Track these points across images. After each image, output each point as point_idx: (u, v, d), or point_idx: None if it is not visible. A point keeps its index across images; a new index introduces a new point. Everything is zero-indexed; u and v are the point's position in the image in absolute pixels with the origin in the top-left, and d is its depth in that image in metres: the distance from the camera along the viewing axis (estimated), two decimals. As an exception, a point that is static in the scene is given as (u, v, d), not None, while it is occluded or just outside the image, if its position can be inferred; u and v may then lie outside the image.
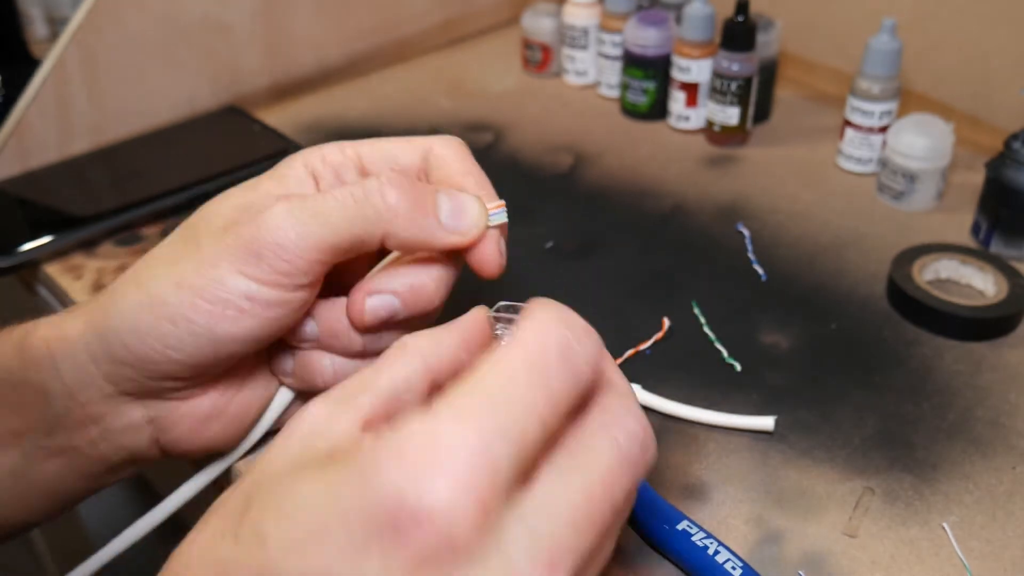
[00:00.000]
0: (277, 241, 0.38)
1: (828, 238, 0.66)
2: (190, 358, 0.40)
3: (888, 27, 0.69)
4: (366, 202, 0.39)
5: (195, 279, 0.39)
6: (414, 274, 0.42)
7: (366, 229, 0.39)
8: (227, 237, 0.39)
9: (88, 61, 0.72)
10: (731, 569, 0.42)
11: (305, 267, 0.39)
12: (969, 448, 0.50)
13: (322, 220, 0.39)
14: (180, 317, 0.39)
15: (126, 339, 0.40)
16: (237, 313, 0.39)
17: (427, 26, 0.93)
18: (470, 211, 0.41)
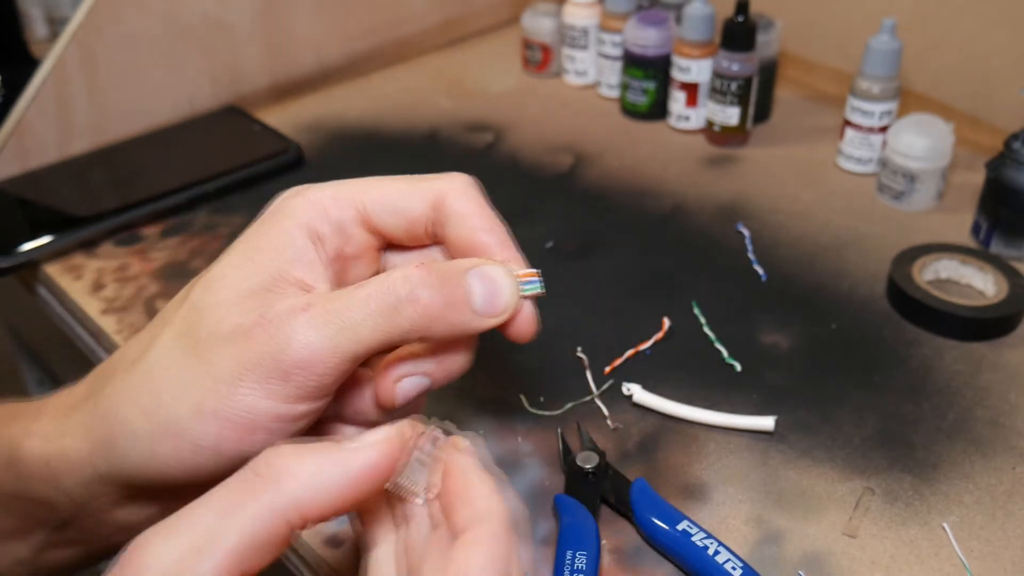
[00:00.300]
0: (305, 361, 0.35)
1: (828, 238, 0.66)
2: (214, 474, 0.37)
3: (888, 27, 0.69)
4: (396, 311, 0.35)
5: (215, 404, 0.36)
6: (445, 353, 0.39)
7: (400, 338, 0.36)
8: (243, 352, 0.35)
9: (88, 61, 0.72)
10: (731, 569, 0.42)
11: (334, 379, 0.36)
12: (969, 448, 0.50)
13: (351, 336, 0.35)
14: (206, 449, 0.36)
15: (143, 467, 0.37)
16: (266, 435, 0.36)
17: (427, 26, 0.93)
18: (504, 291, 0.37)
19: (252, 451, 0.35)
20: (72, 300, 0.62)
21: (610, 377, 0.55)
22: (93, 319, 0.61)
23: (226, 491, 0.30)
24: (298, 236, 0.38)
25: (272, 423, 0.36)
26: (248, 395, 0.35)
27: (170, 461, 0.36)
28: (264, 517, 0.30)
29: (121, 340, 0.59)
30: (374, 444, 0.32)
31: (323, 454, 0.31)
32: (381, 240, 0.41)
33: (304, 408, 0.36)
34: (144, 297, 0.62)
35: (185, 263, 0.65)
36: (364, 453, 0.32)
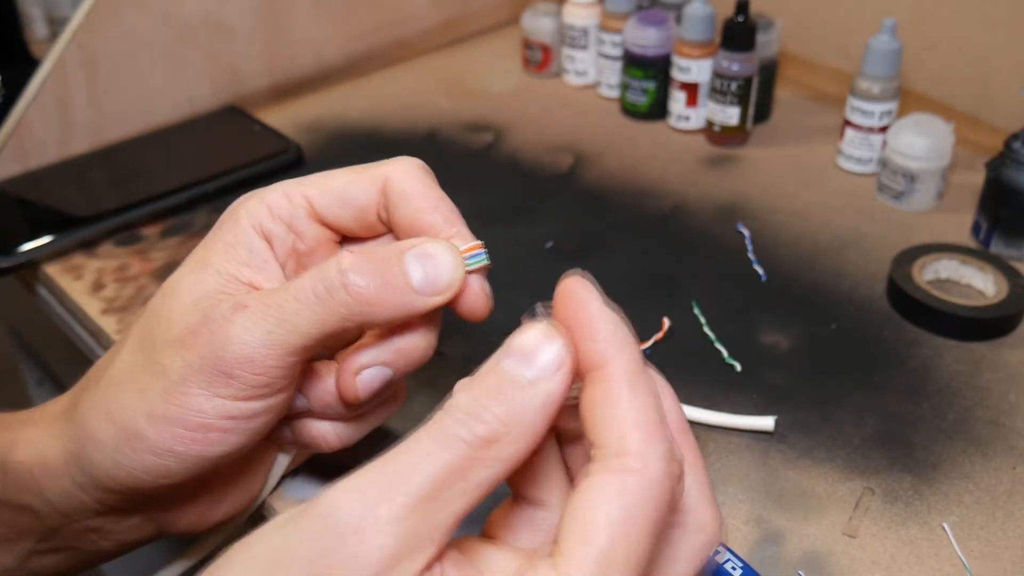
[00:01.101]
0: (245, 358, 0.35)
1: (828, 238, 0.66)
2: (181, 479, 0.38)
3: (888, 27, 0.69)
4: (331, 298, 0.35)
5: (167, 409, 0.36)
6: (402, 338, 0.38)
7: (339, 325, 0.35)
8: (188, 355, 0.36)
9: (88, 61, 0.72)
10: (731, 569, 0.42)
11: (281, 373, 0.36)
12: (969, 448, 0.50)
13: (290, 328, 0.35)
14: (162, 450, 0.36)
15: (112, 473, 0.37)
16: (221, 434, 0.36)
17: (427, 26, 0.93)
18: (444, 267, 0.36)
19: (210, 452, 0.36)
20: (72, 300, 0.62)
21: (610, 377, 0.55)
22: (93, 319, 0.61)
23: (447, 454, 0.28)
24: (249, 237, 0.39)
25: (224, 422, 0.36)
26: (196, 396, 0.36)
27: (134, 466, 0.37)
28: (484, 487, 0.29)
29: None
30: (556, 371, 0.30)
31: (523, 404, 0.29)
32: (335, 233, 0.41)
33: (256, 406, 0.36)
34: (144, 297, 0.62)
35: (185, 263, 0.65)
36: (554, 387, 0.30)
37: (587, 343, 0.30)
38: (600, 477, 0.29)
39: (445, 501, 0.28)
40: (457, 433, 0.29)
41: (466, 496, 0.29)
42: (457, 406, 0.29)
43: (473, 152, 0.78)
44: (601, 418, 0.29)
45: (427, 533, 0.28)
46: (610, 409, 0.29)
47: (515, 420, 0.29)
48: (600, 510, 0.28)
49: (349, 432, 0.41)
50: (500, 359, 0.30)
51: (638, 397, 0.30)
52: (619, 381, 0.30)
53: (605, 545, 0.27)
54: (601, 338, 0.30)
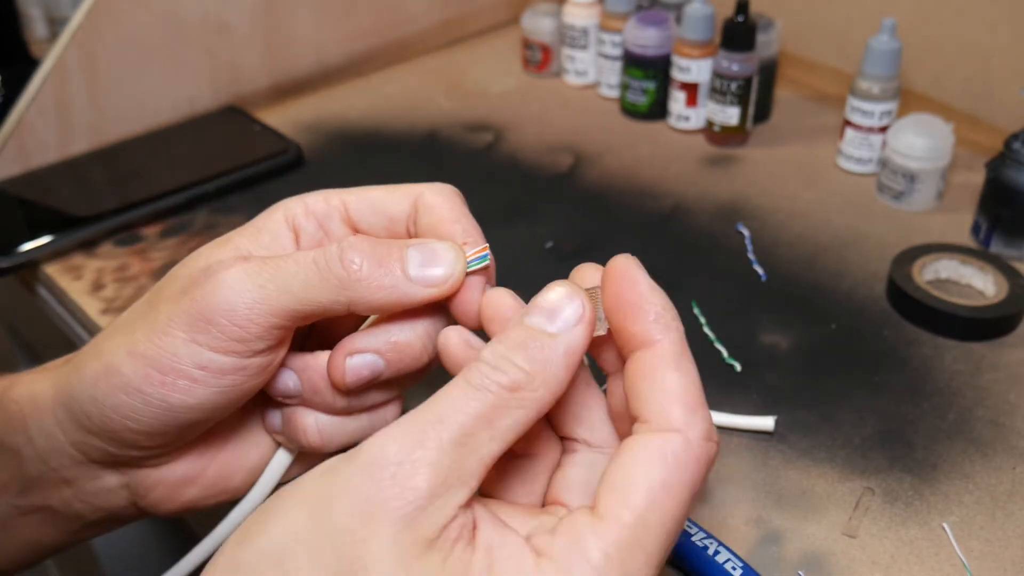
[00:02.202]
0: (229, 307, 0.36)
1: (828, 238, 0.66)
2: (148, 427, 0.38)
3: (888, 27, 0.69)
4: (328, 270, 0.36)
5: (147, 348, 0.37)
6: (398, 331, 0.39)
7: (329, 298, 0.36)
8: (179, 301, 0.37)
9: (88, 61, 0.72)
10: (731, 569, 0.42)
11: (260, 332, 0.37)
12: (969, 448, 0.50)
13: (281, 286, 0.36)
14: (132, 388, 0.37)
15: (87, 408, 0.38)
16: (190, 383, 0.37)
17: (427, 26, 0.93)
18: (443, 260, 0.37)
19: (174, 398, 0.37)
20: (72, 300, 0.62)
21: (610, 377, 0.55)
22: (93, 319, 0.61)
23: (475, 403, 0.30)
24: (277, 226, 0.40)
25: (195, 371, 0.37)
26: (174, 338, 0.37)
27: (105, 402, 0.38)
28: (512, 433, 0.31)
29: (121, 340, 0.59)
30: (577, 324, 0.32)
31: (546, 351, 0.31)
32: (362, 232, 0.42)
33: (229, 361, 0.37)
34: (144, 297, 0.62)
35: (185, 263, 0.65)
36: (575, 337, 0.32)
37: (636, 321, 0.32)
38: (644, 438, 0.30)
39: (475, 446, 0.30)
40: (483, 382, 0.31)
41: (495, 442, 0.30)
42: (483, 359, 0.31)
43: (473, 152, 0.78)
44: (647, 391, 0.31)
45: (459, 475, 0.30)
46: (656, 384, 0.31)
47: (539, 369, 0.31)
48: (642, 472, 0.30)
49: (332, 431, 0.41)
50: (524, 316, 0.32)
51: (684, 375, 0.31)
52: (666, 358, 0.32)
53: (644, 506, 0.29)
54: (650, 317, 0.32)
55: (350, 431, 0.42)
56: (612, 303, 0.33)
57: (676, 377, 0.31)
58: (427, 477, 0.29)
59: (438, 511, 0.29)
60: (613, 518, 0.29)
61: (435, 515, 0.29)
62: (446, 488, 0.29)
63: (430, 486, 0.29)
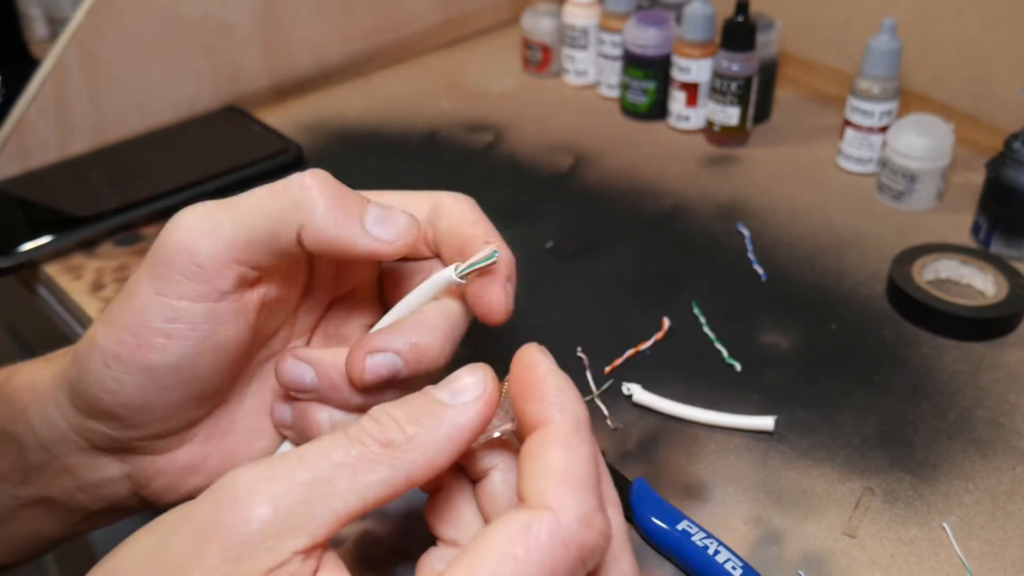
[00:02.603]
0: (186, 247, 0.36)
1: (828, 238, 0.66)
2: (136, 398, 0.38)
3: (888, 27, 0.69)
4: (284, 193, 0.36)
5: (118, 314, 0.37)
6: (418, 332, 0.38)
7: (282, 220, 0.36)
8: (145, 259, 0.37)
9: (88, 61, 0.72)
10: (731, 569, 0.42)
11: (220, 269, 0.36)
12: (969, 448, 0.50)
13: (237, 219, 0.36)
14: (110, 357, 0.37)
15: (77, 388, 0.38)
16: (164, 340, 0.36)
17: (427, 26, 0.93)
18: (398, 221, 0.38)
19: (151, 359, 0.36)
20: (72, 300, 0.62)
21: (610, 377, 0.55)
22: (93, 319, 0.61)
23: (342, 450, 0.29)
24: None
25: (166, 325, 0.36)
26: (141, 296, 0.36)
27: (90, 377, 0.37)
28: (372, 492, 0.30)
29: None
30: (474, 401, 0.31)
31: (431, 417, 0.31)
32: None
33: (198, 309, 0.36)
34: (144, 297, 0.62)
35: (185, 263, 0.65)
36: (467, 412, 0.31)
37: (533, 403, 0.31)
38: (513, 513, 0.29)
39: (329, 493, 0.29)
40: (358, 433, 0.30)
41: (353, 495, 0.29)
42: (370, 413, 0.31)
43: (473, 152, 0.78)
44: (529, 470, 0.30)
45: (304, 518, 0.28)
46: (539, 461, 0.30)
47: (419, 433, 0.30)
48: (497, 544, 0.28)
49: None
50: (429, 389, 0.32)
51: (571, 454, 0.30)
52: (555, 437, 0.30)
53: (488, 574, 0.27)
54: (545, 398, 0.31)
55: None
56: (514, 388, 0.32)
57: (561, 455, 0.30)
58: (264, 511, 0.28)
59: (268, 551, 0.28)
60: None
61: (263, 555, 0.28)
62: (287, 527, 0.28)
63: (264, 521, 0.28)
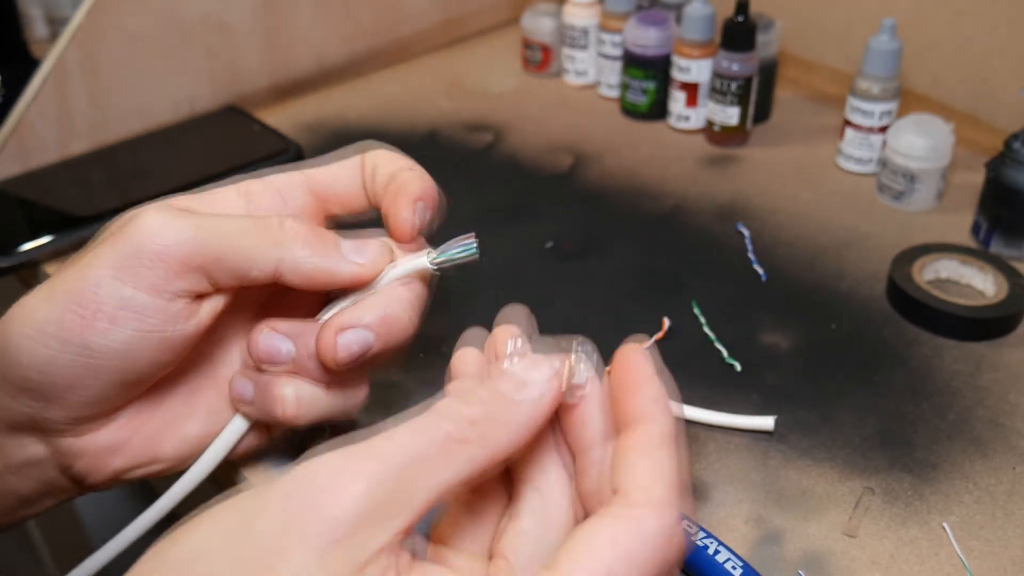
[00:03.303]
0: (157, 239, 0.37)
1: (828, 238, 0.66)
2: (63, 378, 0.37)
3: (888, 27, 0.69)
4: (265, 227, 0.38)
5: (67, 284, 0.37)
6: (386, 305, 0.39)
7: (260, 252, 0.38)
8: (108, 241, 0.37)
9: (88, 61, 0.72)
10: (731, 569, 0.42)
11: (182, 271, 0.37)
12: (969, 448, 0.50)
13: (213, 231, 0.37)
14: (49, 330, 0.36)
15: (4, 366, 0.37)
16: (109, 323, 0.36)
17: (427, 26, 0.93)
18: (370, 247, 0.40)
19: (93, 339, 0.36)
20: (72, 300, 0.62)
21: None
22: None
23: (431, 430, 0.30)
24: (225, 190, 0.42)
25: (115, 309, 0.37)
26: (98, 272, 0.37)
27: (22, 352, 0.37)
28: (462, 473, 0.30)
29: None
30: (552, 378, 0.32)
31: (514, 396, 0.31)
32: (323, 205, 0.43)
33: (151, 302, 0.37)
34: (144, 297, 0.62)
35: (185, 263, 0.65)
36: (547, 390, 0.32)
37: (634, 397, 0.32)
38: (620, 509, 0.30)
39: (422, 475, 0.29)
40: (442, 413, 0.30)
41: (443, 476, 0.29)
42: (447, 391, 0.31)
43: (473, 152, 0.78)
44: (632, 465, 0.31)
45: (402, 501, 0.28)
46: (643, 459, 0.31)
47: (493, 426, 0.30)
48: (608, 540, 0.29)
49: (309, 403, 0.41)
50: (494, 379, 0.32)
51: (671, 459, 0.31)
52: (658, 438, 0.31)
53: (602, 571, 0.28)
54: (649, 397, 0.32)
55: (325, 406, 0.42)
56: (618, 379, 0.33)
57: (665, 459, 0.31)
58: (367, 491, 0.28)
59: (371, 536, 0.28)
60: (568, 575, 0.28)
61: (368, 539, 0.28)
62: (386, 510, 0.28)
63: (370, 502, 0.28)
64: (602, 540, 0.29)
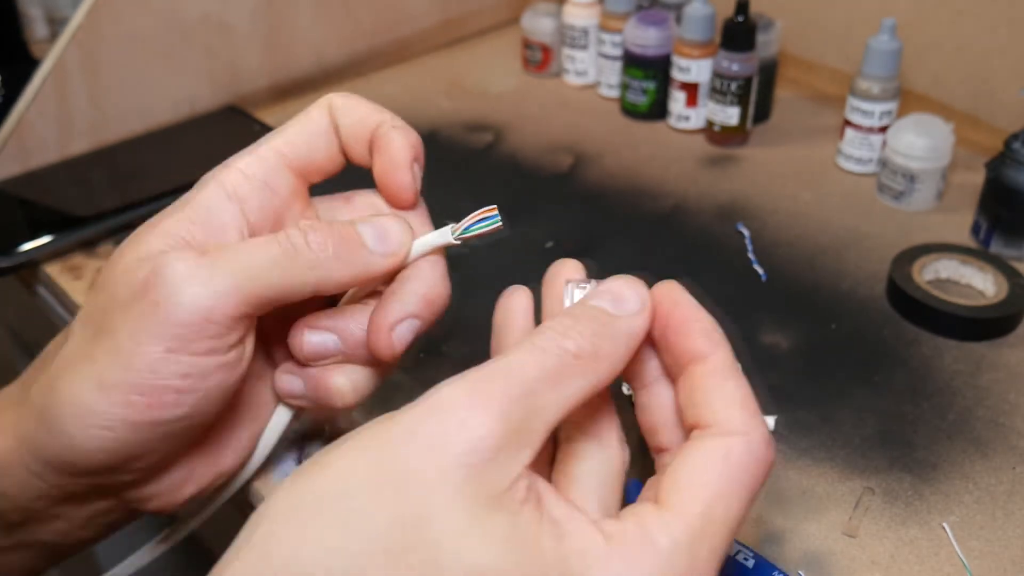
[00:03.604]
0: (201, 306, 0.34)
1: (828, 238, 0.66)
2: (140, 450, 0.36)
3: (888, 27, 0.69)
4: (295, 252, 0.36)
5: (118, 375, 0.34)
6: (424, 287, 0.39)
7: (299, 279, 0.36)
8: (138, 313, 0.34)
9: (88, 61, 0.72)
10: (743, 560, 0.42)
11: (233, 324, 0.35)
12: (969, 448, 0.50)
13: (249, 274, 0.35)
14: (116, 421, 0.35)
15: (64, 455, 0.36)
16: (177, 395, 0.35)
17: (427, 26, 0.93)
18: (393, 230, 0.39)
19: (167, 416, 0.35)
20: (72, 300, 0.62)
21: (610, 377, 0.55)
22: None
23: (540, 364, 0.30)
24: (214, 198, 0.38)
25: (179, 382, 0.35)
26: (148, 356, 0.34)
27: (87, 445, 0.35)
28: (573, 399, 0.31)
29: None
30: (641, 311, 0.33)
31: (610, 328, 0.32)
32: (305, 180, 0.41)
33: (212, 362, 0.35)
34: (144, 297, 0.62)
35: (185, 263, 0.65)
36: (638, 322, 0.33)
37: (689, 337, 0.33)
38: (710, 441, 0.31)
39: (540, 407, 0.29)
40: (550, 346, 0.31)
41: (558, 404, 0.30)
42: (549, 326, 0.31)
43: (473, 152, 0.78)
44: (708, 400, 0.32)
45: (525, 433, 0.29)
46: (717, 392, 0.32)
47: (603, 343, 0.31)
48: (708, 470, 0.30)
49: (363, 387, 0.41)
50: (588, 299, 0.33)
51: (742, 384, 0.32)
52: (724, 369, 0.32)
53: (710, 501, 0.30)
54: (700, 333, 0.33)
55: (376, 382, 0.41)
56: (662, 322, 0.34)
57: (736, 385, 0.32)
58: (497, 427, 0.28)
59: (505, 465, 0.28)
60: (680, 511, 0.30)
61: (503, 469, 0.28)
62: (512, 443, 0.28)
63: (499, 437, 0.28)
64: (707, 471, 0.30)
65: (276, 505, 0.28)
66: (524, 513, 0.28)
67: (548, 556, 0.28)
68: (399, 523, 0.27)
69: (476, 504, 0.27)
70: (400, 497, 0.27)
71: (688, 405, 0.32)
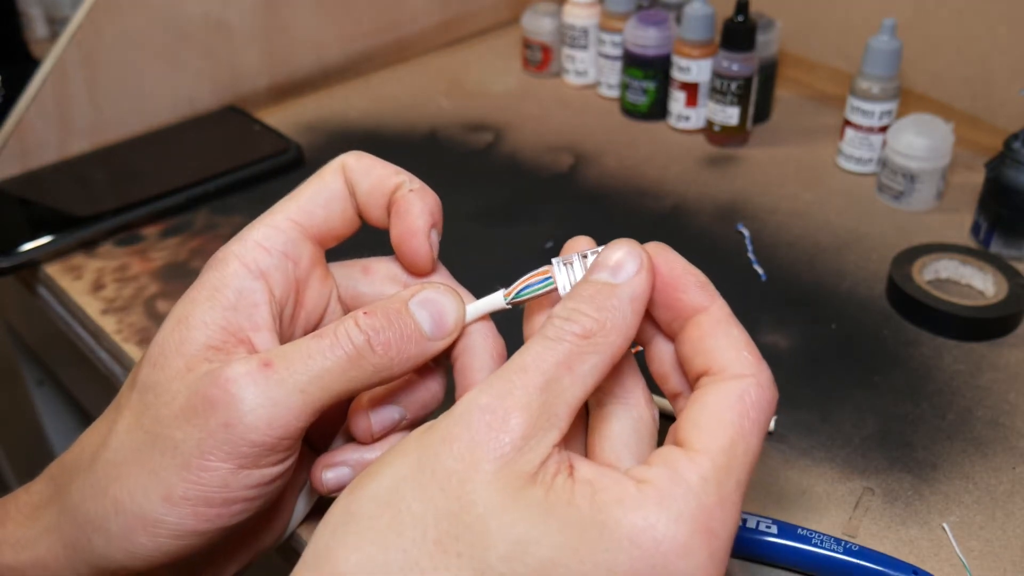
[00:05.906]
0: (273, 421, 0.34)
1: (828, 238, 0.66)
2: (202, 550, 0.37)
3: (888, 27, 0.69)
4: (360, 357, 0.35)
5: (186, 489, 0.34)
6: (488, 360, 0.39)
7: (365, 382, 0.36)
8: (203, 429, 0.34)
9: (88, 61, 0.72)
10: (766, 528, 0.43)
11: (299, 436, 0.36)
12: (969, 448, 0.50)
13: (318, 385, 0.35)
14: (185, 532, 0.35)
15: (124, 563, 0.36)
16: (246, 503, 0.36)
17: (427, 26, 0.93)
18: (448, 311, 0.38)
19: (233, 523, 0.36)
20: (72, 300, 0.62)
21: (610, 377, 0.55)
22: (93, 319, 0.61)
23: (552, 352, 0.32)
24: (239, 279, 0.37)
25: (249, 491, 0.35)
26: (218, 471, 0.34)
27: (151, 552, 0.35)
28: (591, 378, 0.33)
29: (121, 340, 0.59)
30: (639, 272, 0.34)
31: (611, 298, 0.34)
32: (322, 245, 0.41)
33: (280, 469, 0.36)
34: (144, 297, 0.62)
35: (185, 263, 0.65)
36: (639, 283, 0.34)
37: (688, 291, 0.35)
38: (724, 384, 0.33)
39: (560, 391, 0.32)
40: (559, 334, 0.33)
41: (577, 386, 0.32)
42: (556, 314, 0.33)
43: (473, 152, 0.78)
44: (715, 346, 0.34)
45: (548, 417, 0.31)
46: (723, 339, 0.34)
47: (608, 316, 0.33)
48: (725, 410, 0.32)
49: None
50: (588, 275, 0.34)
51: (743, 330, 0.34)
52: (724, 317, 0.35)
53: (732, 438, 0.32)
54: (697, 287, 0.35)
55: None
56: (659, 280, 0.35)
57: (739, 331, 0.34)
58: (520, 420, 0.31)
59: (534, 450, 0.31)
60: (704, 449, 0.31)
61: (532, 453, 0.31)
62: (538, 429, 0.31)
63: (523, 428, 0.31)
64: (726, 411, 0.32)
65: (333, 517, 0.32)
66: (557, 483, 0.31)
67: (585, 512, 0.30)
68: (445, 515, 0.30)
69: (511, 486, 0.30)
70: (443, 492, 0.30)
71: (695, 353, 0.34)
